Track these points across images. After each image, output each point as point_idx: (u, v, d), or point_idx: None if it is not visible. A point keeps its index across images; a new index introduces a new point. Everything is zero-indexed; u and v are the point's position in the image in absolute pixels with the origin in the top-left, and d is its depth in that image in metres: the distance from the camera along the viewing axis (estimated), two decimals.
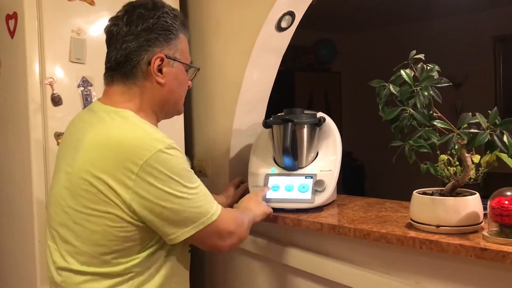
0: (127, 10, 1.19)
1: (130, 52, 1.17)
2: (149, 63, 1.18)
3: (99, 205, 1.08)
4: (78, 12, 1.74)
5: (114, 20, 1.20)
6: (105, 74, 1.23)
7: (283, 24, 1.78)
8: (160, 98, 1.22)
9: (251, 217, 1.37)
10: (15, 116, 1.75)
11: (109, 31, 1.21)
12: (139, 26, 1.16)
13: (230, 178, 1.92)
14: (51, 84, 1.68)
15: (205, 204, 1.14)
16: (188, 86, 1.31)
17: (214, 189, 1.83)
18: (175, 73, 1.22)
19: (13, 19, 1.71)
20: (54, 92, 1.68)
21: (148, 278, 1.15)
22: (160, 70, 1.19)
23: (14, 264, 1.87)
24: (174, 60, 1.21)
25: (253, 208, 1.45)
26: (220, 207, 1.18)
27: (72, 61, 1.72)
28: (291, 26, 1.81)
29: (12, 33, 1.73)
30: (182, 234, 1.12)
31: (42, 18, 1.66)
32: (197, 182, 1.15)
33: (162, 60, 1.18)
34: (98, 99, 1.24)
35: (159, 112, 1.25)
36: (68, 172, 1.13)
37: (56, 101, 1.68)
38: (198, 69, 1.33)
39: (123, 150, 1.06)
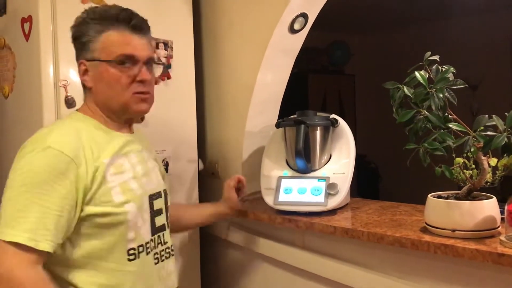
0: None
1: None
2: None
3: None
4: None
5: None
6: None
7: (296, 26, 1.77)
8: (99, 100, 1.22)
9: None
10: (29, 118, 1.77)
11: None
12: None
13: None
14: (65, 87, 1.69)
15: (15, 215, 1.02)
16: (142, 80, 1.20)
17: None
18: (99, 73, 1.20)
19: (28, 23, 1.72)
20: (68, 94, 1.70)
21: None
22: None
23: None
24: (93, 60, 1.20)
25: None
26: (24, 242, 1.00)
27: None
28: (304, 28, 1.81)
29: (27, 36, 1.75)
30: None
31: (56, 21, 1.68)
32: (53, 192, 1.05)
33: (84, 65, 1.21)
34: None
35: (107, 113, 1.23)
36: None
37: (70, 103, 1.69)
38: (122, 60, 1.19)
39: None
